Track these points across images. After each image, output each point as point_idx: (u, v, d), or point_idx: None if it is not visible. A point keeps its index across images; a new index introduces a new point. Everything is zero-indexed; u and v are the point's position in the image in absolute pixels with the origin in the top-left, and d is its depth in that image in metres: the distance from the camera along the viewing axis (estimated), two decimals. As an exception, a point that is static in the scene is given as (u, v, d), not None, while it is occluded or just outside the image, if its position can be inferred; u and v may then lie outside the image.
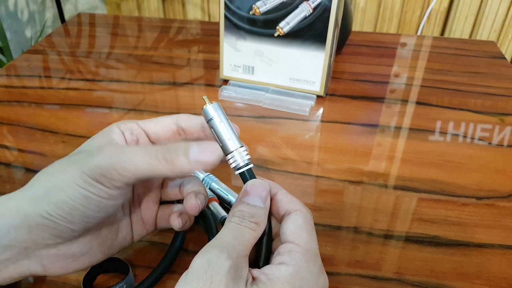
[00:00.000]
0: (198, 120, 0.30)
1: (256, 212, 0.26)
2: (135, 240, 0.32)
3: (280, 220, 0.27)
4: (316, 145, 0.50)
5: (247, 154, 0.28)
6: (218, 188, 0.39)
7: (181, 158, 0.25)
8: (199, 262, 0.23)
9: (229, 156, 0.28)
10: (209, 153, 0.26)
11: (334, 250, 0.37)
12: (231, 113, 0.55)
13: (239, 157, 0.28)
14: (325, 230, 0.39)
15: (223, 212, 0.37)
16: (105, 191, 0.25)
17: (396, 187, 0.43)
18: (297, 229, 0.25)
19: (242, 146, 0.28)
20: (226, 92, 0.57)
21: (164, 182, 0.32)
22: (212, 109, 0.28)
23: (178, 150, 0.25)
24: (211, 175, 0.41)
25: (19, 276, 0.27)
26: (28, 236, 0.25)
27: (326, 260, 0.36)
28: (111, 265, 0.33)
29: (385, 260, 0.36)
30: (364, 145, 0.49)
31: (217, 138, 0.28)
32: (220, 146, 0.27)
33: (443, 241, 0.37)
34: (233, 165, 0.28)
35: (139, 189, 0.31)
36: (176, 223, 0.31)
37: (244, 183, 0.28)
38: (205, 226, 0.35)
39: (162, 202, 0.33)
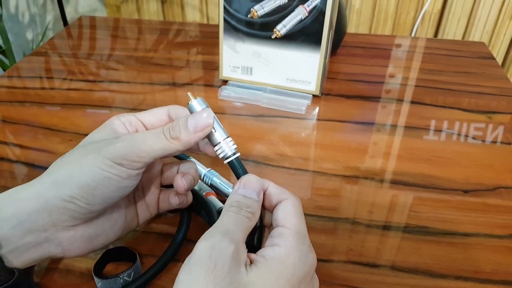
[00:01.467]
0: (186, 112, 0.32)
1: (251, 204, 0.28)
2: (140, 222, 0.35)
3: (273, 210, 0.29)
4: (312, 142, 0.52)
5: (234, 144, 0.30)
6: (219, 182, 0.42)
7: (183, 133, 0.29)
8: (203, 246, 0.25)
9: (216, 147, 0.30)
10: (203, 119, 0.29)
11: (329, 239, 0.39)
12: (231, 112, 0.57)
13: (227, 147, 0.30)
14: (320, 221, 0.41)
15: (219, 204, 0.39)
16: (125, 171, 0.28)
17: (388, 181, 0.46)
18: (287, 215, 0.28)
19: (228, 137, 0.30)
20: (225, 92, 0.59)
21: (163, 168, 0.35)
22: (197, 104, 0.30)
23: (179, 126, 0.29)
24: (212, 170, 0.43)
25: (38, 258, 0.29)
26: (48, 220, 0.28)
27: (321, 248, 0.38)
28: (119, 254, 0.35)
29: (377, 249, 0.38)
30: (358, 142, 0.52)
31: None
32: (208, 139, 0.30)
33: (431, 231, 0.40)
34: (221, 155, 0.30)
35: (142, 176, 0.33)
36: (173, 200, 0.34)
37: (233, 171, 0.30)
38: (208, 217, 0.37)
39: (163, 187, 0.36)
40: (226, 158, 0.30)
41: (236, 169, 0.30)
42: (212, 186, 0.42)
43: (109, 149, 0.28)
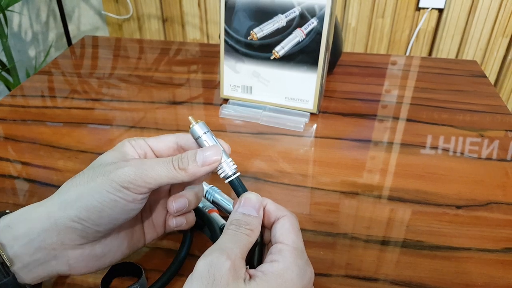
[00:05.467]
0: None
1: (251, 221, 0.29)
2: (147, 242, 0.36)
3: (271, 227, 0.31)
4: (310, 159, 0.54)
5: (234, 164, 0.32)
6: (220, 199, 0.43)
7: (191, 165, 0.31)
8: (201, 264, 0.26)
9: (218, 169, 0.32)
10: (212, 155, 0.31)
11: (327, 254, 0.40)
12: (231, 129, 0.59)
13: (227, 167, 0.31)
14: (319, 236, 0.42)
15: (222, 221, 0.40)
16: (131, 195, 0.30)
17: (384, 197, 0.47)
18: (285, 231, 0.29)
19: (228, 158, 0.32)
20: (226, 111, 0.61)
21: (171, 190, 0.36)
22: (198, 128, 0.32)
23: (187, 158, 0.31)
24: (214, 187, 0.44)
25: (47, 275, 0.30)
26: (57, 238, 0.29)
27: (320, 263, 0.39)
28: (125, 269, 0.36)
29: (373, 263, 0.39)
30: (354, 159, 0.53)
31: None
32: None
33: (426, 245, 0.41)
34: (222, 175, 0.32)
35: (150, 197, 0.35)
36: (171, 222, 0.35)
37: (234, 190, 0.32)
38: (210, 233, 0.39)
39: None
40: (227, 178, 0.32)
41: (237, 188, 0.32)
42: (214, 203, 0.43)
43: (117, 172, 0.29)
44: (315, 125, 0.60)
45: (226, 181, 0.32)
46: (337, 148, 0.56)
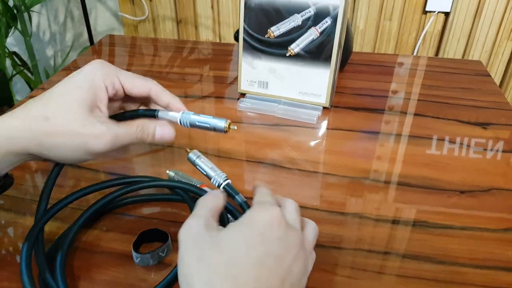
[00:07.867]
0: (167, 95, 0.40)
1: (212, 192, 0.36)
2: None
3: None
4: (322, 149, 0.58)
5: (224, 174, 0.38)
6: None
7: (150, 138, 0.38)
8: (180, 231, 0.31)
9: (212, 180, 0.38)
10: (167, 134, 0.39)
11: (339, 230, 0.44)
12: (248, 121, 0.63)
13: (218, 177, 0.38)
14: (331, 216, 0.46)
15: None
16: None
17: (392, 182, 0.51)
18: (255, 198, 0.35)
19: (218, 170, 0.38)
20: (244, 104, 0.65)
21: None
22: (193, 154, 0.39)
23: (149, 131, 0.38)
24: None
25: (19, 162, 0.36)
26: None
27: (332, 237, 0.43)
28: (153, 235, 0.41)
29: (383, 239, 0.43)
30: (364, 149, 0.57)
31: (201, 171, 0.39)
32: (205, 175, 0.39)
33: (431, 225, 0.45)
34: (216, 184, 0.38)
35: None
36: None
37: (228, 194, 0.38)
38: None
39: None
40: (219, 186, 0.38)
41: (228, 191, 0.38)
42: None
43: (92, 141, 0.35)
44: (327, 118, 0.64)
45: (220, 188, 0.38)
46: (348, 139, 0.59)
